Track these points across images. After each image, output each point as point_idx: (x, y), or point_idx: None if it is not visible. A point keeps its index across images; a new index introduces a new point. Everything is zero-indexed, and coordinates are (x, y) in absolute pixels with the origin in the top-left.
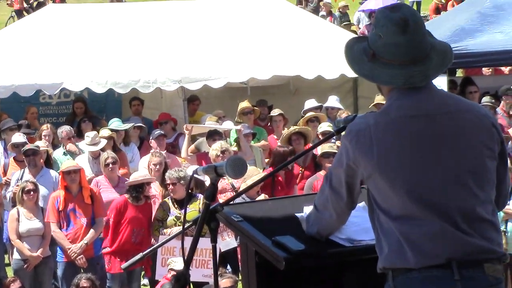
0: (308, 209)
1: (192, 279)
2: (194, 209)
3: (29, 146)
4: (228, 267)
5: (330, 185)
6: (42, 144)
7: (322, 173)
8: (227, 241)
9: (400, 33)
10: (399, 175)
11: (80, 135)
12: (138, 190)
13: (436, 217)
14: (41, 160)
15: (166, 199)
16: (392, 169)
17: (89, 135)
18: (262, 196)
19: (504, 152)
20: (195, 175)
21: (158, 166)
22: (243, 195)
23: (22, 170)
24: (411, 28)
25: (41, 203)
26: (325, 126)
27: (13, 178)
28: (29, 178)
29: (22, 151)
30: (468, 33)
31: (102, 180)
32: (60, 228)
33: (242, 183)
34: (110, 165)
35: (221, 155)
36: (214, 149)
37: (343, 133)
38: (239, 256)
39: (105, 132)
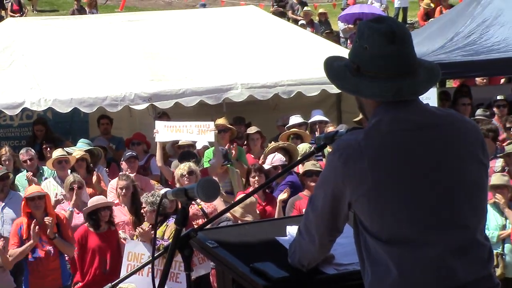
0: (292, 229)
1: None
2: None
3: None
4: None
5: (312, 206)
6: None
7: (305, 192)
8: (197, 267)
9: (388, 43)
10: (396, 197)
11: (42, 158)
12: (93, 217)
13: (434, 243)
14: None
15: None
16: (387, 190)
17: (56, 153)
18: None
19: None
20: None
21: (124, 190)
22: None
23: None
24: (399, 39)
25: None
26: (306, 147)
27: None
28: None
29: None
30: (459, 42)
31: (67, 205)
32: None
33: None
34: (76, 190)
35: (187, 175)
36: (180, 169)
37: (326, 149)
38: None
39: (77, 153)
